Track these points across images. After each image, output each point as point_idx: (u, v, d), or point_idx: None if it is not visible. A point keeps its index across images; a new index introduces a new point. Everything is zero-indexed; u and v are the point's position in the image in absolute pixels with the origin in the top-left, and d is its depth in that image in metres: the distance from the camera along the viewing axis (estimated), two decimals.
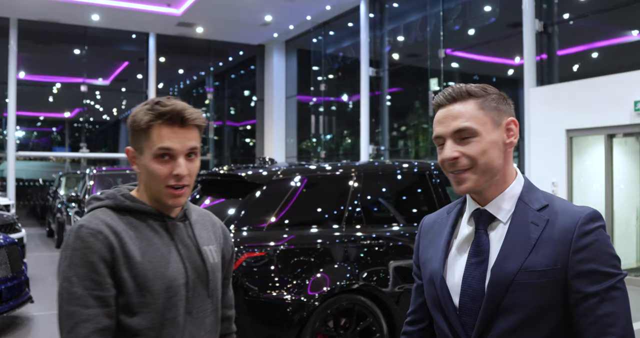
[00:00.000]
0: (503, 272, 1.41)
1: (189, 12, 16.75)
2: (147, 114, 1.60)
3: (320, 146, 19.17)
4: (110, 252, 1.53)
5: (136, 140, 1.63)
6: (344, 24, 18.00)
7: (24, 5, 16.14)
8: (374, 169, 5.48)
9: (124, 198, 1.65)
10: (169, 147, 1.59)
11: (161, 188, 1.61)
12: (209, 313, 1.70)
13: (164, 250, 1.61)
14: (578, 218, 1.40)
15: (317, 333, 4.46)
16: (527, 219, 1.45)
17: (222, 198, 5.14)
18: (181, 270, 1.62)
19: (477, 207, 1.52)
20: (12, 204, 13.61)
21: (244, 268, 4.35)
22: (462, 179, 1.47)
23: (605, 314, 1.34)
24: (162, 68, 20.17)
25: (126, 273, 1.54)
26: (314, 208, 4.96)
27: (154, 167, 1.60)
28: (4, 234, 6.77)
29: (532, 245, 1.41)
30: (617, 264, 1.38)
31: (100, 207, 1.64)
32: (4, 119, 18.67)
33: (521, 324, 1.40)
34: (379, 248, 4.83)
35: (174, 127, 1.60)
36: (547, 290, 1.38)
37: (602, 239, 1.39)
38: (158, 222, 1.65)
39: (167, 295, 1.58)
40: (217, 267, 1.75)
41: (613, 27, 10.71)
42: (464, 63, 14.46)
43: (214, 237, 1.79)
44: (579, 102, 9.77)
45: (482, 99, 1.48)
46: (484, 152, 1.44)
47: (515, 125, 1.49)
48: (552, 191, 10.08)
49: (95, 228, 1.54)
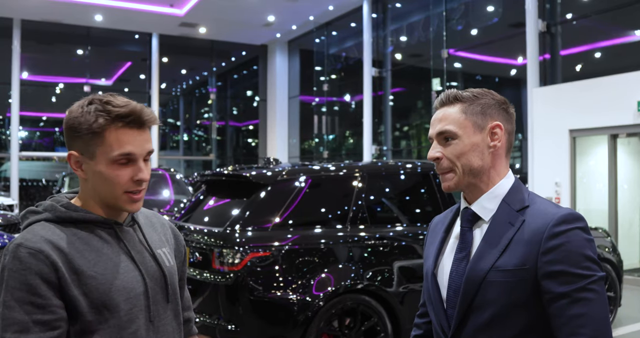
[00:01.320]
0: (476, 270, 1.48)
1: (192, 12, 16.78)
2: (99, 116, 1.45)
3: (322, 146, 19.18)
4: (55, 272, 1.38)
5: (84, 144, 1.47)
6: (346, 24, 18.01)
7: (27, 5, 16.17)
8: (377, 169, 5.49)
9: (64, 209, 1.50)
10: (130, 152, 1.47)
11: (119, 194, 1.49)
12: (170, 320, 1.60)
13: (115, 260, 1.49)
14: (550, 220, 1.43)
15: (321, 333, 4.48)
16: (505, 219, 1.51)
17: (227, 198, 5.15)
18: (138, 278, 1.51)
19: (466, 205, 1.60)
20: (16, 204, 13.65)
21: (249, 268, 4.37)
22: (444, 179, 1.58)
23: (575, 315, 1.37)
24: (165, 68, 20.20)
25: (77, 291, 1.41)
26: (319, 209, 4.97)
27: (112, 173, 1.47)
28: (9, 234, 6.79)
29: (505, 245, 1.46)
30: (590, 266, 1.40)
31: (39, 221, 1.48)
32: (7, 119, 18.72)
33: (493, 320, 1.45)
34: (383, 249, 4.85)
35: (132, 129, 1.48)
36: (516, 289, 1.43)
37: (575, 241, 1.41)
38: (106, 230, 1.52)
39: (127, 308, 1.47)
40: (174, 270, 1.64)
41: (616, 27, 10.71)
42: (466, 63, 14.46)
43: (164, 239, 1.69)
44: (582, 102, 9.77)
45: (468, 104, 1.56)
46: (462, 153, 1.54)
47: (500, 129, 1.55)
48: (556, 191, 10.09)
49: (34, 247, 1.38)
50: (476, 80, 15.14)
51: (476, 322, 1.47)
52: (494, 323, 1.45)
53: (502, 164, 1.58)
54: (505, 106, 1.60)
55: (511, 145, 1.61)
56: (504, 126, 1.57)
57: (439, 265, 1.63)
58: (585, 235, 1.43)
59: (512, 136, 1.60)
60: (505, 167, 1.59)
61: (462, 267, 1.53)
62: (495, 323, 1.45)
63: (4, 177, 19.30)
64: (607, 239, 6.48)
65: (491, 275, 1.45)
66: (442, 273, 1.60)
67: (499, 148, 1.56)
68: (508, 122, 1.59)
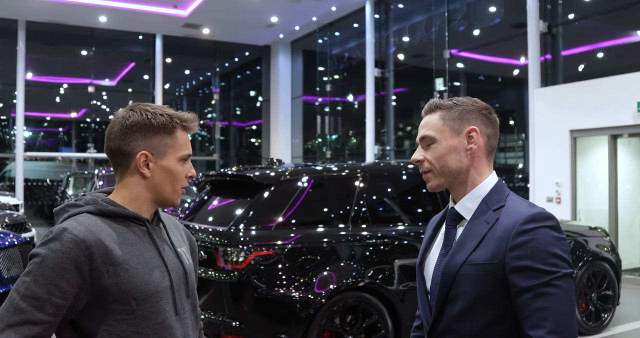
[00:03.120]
0: (451, 264, 1.61)
1: (196, 13, 16.87)
2: (170, 118, 1.66)
3: (325, 146, 19.25)
4: (89, 263, 1.48)
5: (156, 142, 1.64)
6: (349, 24, 18.08)
7: (32, 7, 16.29)
8: (379, 170, 5.57)
9: (105, 203, 1.62)
10: (190, 152, 1.70)
11: (178, 188, 1.68)
12: (190, 314, 1.73)
13: (146, 255, 1.61)
14: (520, 218, 1.54)
15: (323, 330, 4.57)
16: (482, 218, 1.63)
17: (231, 198, 5.24)
18: (165, 273, 1.63)
19: (452, 205, 1.73)
20: (21, 204, 13.74)
21: (253, 266, 4.46)
22: (426, 179, 1.73)
23: (538, 309, 1.46)
24: (169, 69, 20.30)
25: (109, 281, 1.51)
26: (321, 208, 5.06)
27: (179, 169, 1.67)
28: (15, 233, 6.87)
29: (479, 241, 1.58)
30: (556, 263, 1.48)
31: (81, 213, 1.59)
32: (11, 119, 18.83)
33: (465, 311, 1.57)
34: (384, 247, 4.93)
35: (187, 133, 1.71)
36: (486, 282, 1.54)
37: (542, 238, 1.50)
38: (139, 226, 1.65)
39: (154, 300, 1.58)
40: (192, 268, 1.78)
41: (617, 27, 10.77)
42: (469, 63, 14.52)
43: (181, 239, 1.83)
44: (583, 103, 9.83)
45: (446, 111, 1.70)
46: (440, 156, 1.68)
47: (476, 133, 1.67)
48: (557, 191, 10.15)
49: (78, 235, 1.48)
50: (478, 81, 15.21)
51: (451, 312, 1.60)
52: (466, 313, 1.57)
53: (483, 165, 1.69)
54: (486, 112, 1.71)
55: (492, 147, 1.72)
56: (481, 130, 1.68)
57: (426, 259, 1.77)
58: (553, 233, 1.52)
59: (492, 139, 1.71)
60: (488, 168, 1.70)
61: (444, 262, 1.65)
62: (468, 313, 1.57)
63: (8, 177, 19.41)
64: (606, 239, 6.55)
65: (464, 268, 1.57)
66: (428, 268, 1.74)
67: (477, 150, 1.68)
68: (487, 126, 1.70)
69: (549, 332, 1.44)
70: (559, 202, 10.07)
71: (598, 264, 6.21)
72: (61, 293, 1.45)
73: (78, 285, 1.48)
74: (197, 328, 1.78)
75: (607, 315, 6.25)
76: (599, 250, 6.27)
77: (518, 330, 1.52)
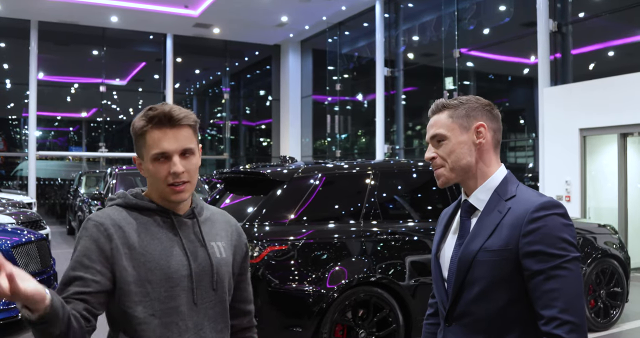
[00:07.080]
0: (467, 251, 1.71)
1: (206, 13, 16.99)
2: (141, 121, 1.73)
3: (335, 145, 19.32)
4: (109, 243, 1.67)
5: (138, 147, 1.77)
6: (359, 24, 18.14)
7: (44, 7, 16.46)
8: (390, 167, 5.65)
9: (132, 196, 1.80)
10: (162, 150, 1.70)
11: (164, 187, 1.73)
12: (214, 305, 1.78)
13: (166, 244, 1.73)
14: (531, 206, 1.65)
15: (335, 324, 4.65)
16: (495, 207, 1.73)
17: (246, 195, 5.32)
18: (184, 263, 1.73)
19: (465, 198, 1.83)
20: (34, 203, 13.88)
21: (267, 261, 4.54)
22: (437, 175, 1.82)
23: (549, 290, 1.58)
24: (179, 68, 20.42)
25: (127, 262, 1.67)
26: (333, 205, 5.14)
27: (154, 170, 1.73)
28: (30, 230, 6.99)
29: (493, 229, 1.69)
30: (566, 247, 1.60)
31: (113, 206, 1.80)
32: (23, 119, 19.01)
33: (481, 294, 1.68)
34: (395, 243, 5.01)
35: (164, 129, 1.70)
36: (501, 267, 1.65)
37: (552, 225, 1.62)
38: (164, 218, 1.78)
39: (169, 285, 1.70)
40: (224, 262, 1.83)
41: (627, 26, 10.78)
42: (478, 62, 14.55)
43: (224, 234, 1.89)
44: (593, 102, 9.85)
45: (454, 110, 1.80)
46: (452, 151, 1.78)
47: (484, 128, 1.78)
48: (566, 190, 10.19)
49: (99, 221, 1.71)
50: (488, 79, 15.23)
51: (468, 296, 1.71)
52: (482, 297, 1.68)
53: (491, 158, 1.81)
54: (489, 108, 1.82)
55: (498, 141, 1.83)
56: (488, 125, 1.80)
57: (441, 249, 1.87)
58: (562, 220, 1.63)
59: (497, 133, 1.83)
60: (496, 161, 1.82)
61: (460, 250, 1.75)
62: (483, 297, 1.68)
63: (20, 176, 19.59)
64: (615, 236, 6.59)
65: (480, 255, 1.68)
66: (444, 257, 1.84)
67: (485, 144, 1.79)
68: (492, 121, 1.81)
69: (560, 311, 1.55)
70: (568, 200, 10.10)
71: (607, 261, 6.25)
72: (84, 268, 1.65)
73: (101, 262, 1.66)
74: (222, 321, 1.82)
75: (616, 312, 6.29)
76: (607, 247, 6.32)
77: (530, 310, 1.63)
